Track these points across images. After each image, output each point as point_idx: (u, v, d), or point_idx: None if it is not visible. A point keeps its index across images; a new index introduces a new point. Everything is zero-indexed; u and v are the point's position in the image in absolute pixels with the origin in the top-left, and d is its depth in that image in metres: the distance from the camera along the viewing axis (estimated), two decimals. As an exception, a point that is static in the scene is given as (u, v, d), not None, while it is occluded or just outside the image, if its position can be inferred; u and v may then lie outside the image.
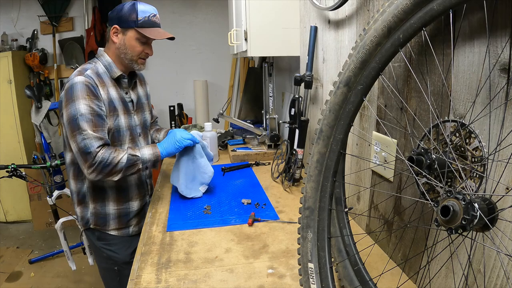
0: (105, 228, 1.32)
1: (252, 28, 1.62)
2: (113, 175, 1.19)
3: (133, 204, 1.37)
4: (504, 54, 0.54)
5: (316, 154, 0.70)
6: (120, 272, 1.35)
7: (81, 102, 1.14)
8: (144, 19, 1.23)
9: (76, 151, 1.16)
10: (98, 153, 1.15)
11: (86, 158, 1.14)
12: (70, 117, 1.15)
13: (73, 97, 1.15)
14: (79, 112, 1.14)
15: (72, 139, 1.15)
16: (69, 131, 1.16)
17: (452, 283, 0.69)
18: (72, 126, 1.15)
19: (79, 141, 1.14)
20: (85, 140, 1.13)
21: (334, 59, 1.26)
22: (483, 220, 0.46)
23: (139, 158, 1.23)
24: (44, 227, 3.20)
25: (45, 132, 2.88)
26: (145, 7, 1.25)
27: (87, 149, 1.13)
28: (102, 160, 1.15)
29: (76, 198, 1.32)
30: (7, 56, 3.10)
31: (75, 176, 1.30)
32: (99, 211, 1.31)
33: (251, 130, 2.03)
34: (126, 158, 1.19)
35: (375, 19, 0.61)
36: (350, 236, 0.77)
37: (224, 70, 3.76)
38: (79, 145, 1.14)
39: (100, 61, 1.28)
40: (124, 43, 1.25)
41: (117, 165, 1.17)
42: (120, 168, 1.18)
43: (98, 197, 1.30)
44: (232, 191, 1.46)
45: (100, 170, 1.16)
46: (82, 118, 1.14)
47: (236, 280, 0.88)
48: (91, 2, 3.42)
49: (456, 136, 0.66)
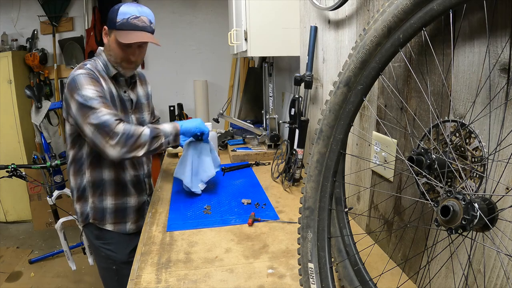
0: (102, 223, 1.32)
1: (252, 28, 1.62)
2: (138, 148, 1.14)
3: (130, 200, 1.36)
4: (504, 54, 0.54)
5: (316, 154, 0.70)
6: (119, 271, 1.35)
7: (87, 88, 1.13)
8: (122, 21, 1.18)
9: (93, 131, 1.11)
10: (118, 126, 1.12)
11: (107, 133, 1.10)
12: (79, 103, 1.12)
13: (77, 86, 1.13)
14: (87, 96, 1.12)
15: (85, 122, 1.11)
16: (81, 116, 1.12)
17: (452, 283, 0.69)
18: (83, 111, 1.11)
19: (94, 118, 1.10)
20: (101, 117, 1.10)
21: (334, 59, 1.26)
22: (483, 220, 0.46)
23: (160, 130, 1.21)
24: (44, 227, 3.20)
25: (45, 132, 2.88)
26: (128, 8, 1.19)
27: (105, 124, 1.10)
28: (125, 132, 1.11)
29: (76, 194, 1.32)
30: (7, 56, 3.11)
31: (75, 172, 1.30)
32: (97, 205, 1.30)
33: (251, 130, 2.03)
34: (149, 130, 1.17)
35: (375, 19, 0.61)
36: (350, 236, 0.77)
37: (224, 70, 3.76)
38: (95, 124, 1.10)
39: (99, 59, 1.28)
40: (109, 45, 1.24)
41: (140, 136, 1.14)
42: (144, 140, 1.15)
43: (97, 191, 1.30)
44: (232, 191, 1.46)
45: (124, 143, 1.11)
46: (92, 100, 1.12)
47: (236, 280, 0.88)
48: (91, 2, 3.42)
49: (456, 136, 0.66)
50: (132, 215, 1.38)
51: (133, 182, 1.37)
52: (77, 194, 1.32)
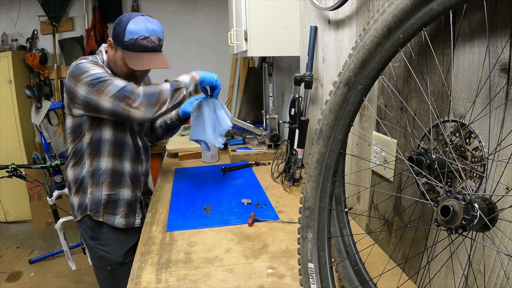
0: (97, 214, 1.30)
1: (252, 28, 1.62)
2: (162, 104, 1.16)
3: (123, 192, 1.33)
4: (504, 54, 0.54)
5: (316, 154, 0.70)
6: (113, 272, 1.34)
7: (94, 69, 1.13)
8: (130, 41, 1.14)
9: (113, 101, 1.11)
10: (139, 88, 1.12)
11: (128, 97, 1.11)
12: (90, 82, 1.11)
13: (84, 69, 1.13)
14: (97, 74, 1.12)
15: (103, 95, 1.11)
16: (96, 93, 1.11)
17: (452, 283, 0.69)
18: (97, 87, 1.11)
19: (111, 89, 1.10)
20: (118, 85, 1.11)
21: (334, 59, 1.26)
22: (483, 220, 0.46)
23: (181, 83, 1.21)
24: (44, 227, 3.20)
25: (45, 132, 2.88)
26: (136, 27, 1.13)
27: (124, 89, 1.11)
28: (146, 92, 1.13)
29: (74, 186, 1.31)
30: (7, 56, 3.11)
31: (74, 164, 1.29)
32: (94, 196, 1.29)
33: (251, 130, 2.03)
34: (169, 84, 1.17)
35: (375, 19, 0.61)
36: (350, 236, 0.77)
37: (224, 70, 3.76)
38: (113, 93, 1.10)
39: (99, 56, 1.27)
40: (114, 60, 1.22)
41: (161, 92, 1.15)
42: (166, 95, 1.16)
43: (95, 180, 1.28)
44: (232, 191, 1.46)
45: (147, 103, 1.13)
46: (102, 76, 1.12)
47: (236, 280, 0.88)
48: (91, 2, 3.42)
49: (456, 136, 0.66)
50: (123, 208, 1.34)
51: (130, 174, 1.35)
52: (76, 186, 1.30)
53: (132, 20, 1.14)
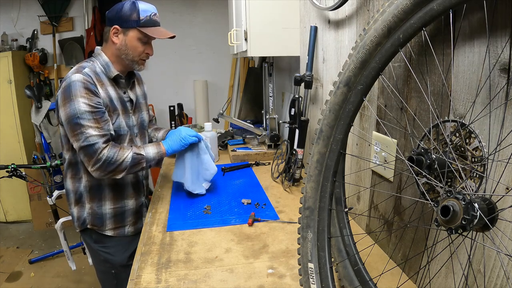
0: (102, 228, 1.30)
1: (252, 28, 1.62)
2: (117, 173, 1.19)
3: (128, 202, 1.35)
4: (504, 54, 0.54)
5: (316, 154, 0.70)
6: (117, 275, 1.33)
7: (80, 101, 1.12)
8: (146, 18, 1.22)
9: (78, 150, 1.15)
10: (103, 151, 1.14)
11: (91, 156, 1.14)
12: (69, 116, 1.13)
13: (71, 95, 1.12)
14: (79, 111, 1.12)
15: (73, 138, 1.14)
16: (69, 130, 1.15)
17: (452, 283, 0.69)
18: (72, 126, 1.13)
19: (81, 140, 1.13)
20: (88, 138, 1.13)
21: (334, 59, 1.26)
22: (483, 220, 0.46)
23: (144, 157, 1.23)
24: (44, 227, 3.20)
25: (45, 132, 2.89)
26: (146, 6, 1.24)
27: (90, 147, 1.13)
28: (107, 159, 1.15)
29: (73, 197, 1.30)
30: (7, 56, 3.10)
31: (72, 176, 1.28)
32: (96, 211, 1.29)
33: (251, 130, 2.03)
34: (131, 157, 1.19)
35: (375, 19, 0.61)
36: (350, 236, 0.77)
37: (224, 70, 3.76)
38: (81, 144, 1.13)
39: (98, 60, 1.26)
40: (126, 44, 1.23)
41: (121, 163, 1.18)
42: (124, 167, 1.19)
43: (95, 197, 1.28)
44: (232, 191, 1.46)
45: (104, 168, 1.16)
46: (83, 116, 1.12)
47: (236, 280, 0.88)
48: (91, 2, 3.42)
49: (456, 136, 0.66)
50: (131, 218, 1.36)
51: (133, 183, 1.36)
52: (75, 198, 1.30)
53: (137, 2, 1.22)
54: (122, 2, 1.22)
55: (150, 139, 1.53)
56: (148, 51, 1.28)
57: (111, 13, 1.24)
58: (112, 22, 1.23)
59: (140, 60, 1.28)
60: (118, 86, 1.30)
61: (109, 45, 1.26)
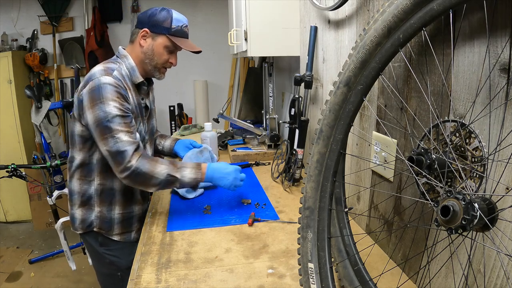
0: (110, 232, 1.26)
1: (252, 28, 1.62)
2: (148, 187, 1.15)
3: (135, 208, 1.32)
4: (504, 54, 0.54)
5: (316, 154, 0.70)
6: (123, 278, 1.27)
7: (111, 104, 1.08)
8: (177, 27, 1.22)
9: (107, 154, 1.11)
10: (132, 160, 1.10)
11: (119, 163, 1.09)
12: (98, 119, 1.08)
13: (101, 98, 1.08)
14: (110, 114, 1.07)
15: (102, 142, 1.10)
16: (98, 134, 1.10)
17: (452, 283, 0.69)
18: (102, 129, 1.08)
19: (111, 145, 1.08)
20: (118, 144, 1.08)
21: (334, 59, 1.26)
22: (483, 220, 0.46)
23: (177, 180, 1.16)
24: (44, 227, 3.20)
25: (45, 132, 2.88)
26: (179, 16, 1.24)
27: (120, 154, 1.09)
28: (136, 169, 1.10)
29: (78, 199, 1.24)
30: (7, 56, 3.11)
31: (82, 177, 1.23)
32: (105, 215, 1.24)
33: (251, 130, 2.03)
34: (164, 176, 1.14)
35: (375, 19, 0.61)
36: (350, 236, 0.77)
37: (224, 70, 3.76)
38: (111, 149, 1.09)
39: (124, 63, 1.22)
40: (152, 49, 1.21)
41: (151, 178, 1.13)
42: (155, 183, 1.14)
43: (105, 200, 1.24)
44: (232, 191, 1.46)
45: (133, 178, 1.11)
46: (114, 120, 1.08)
47: (236, 280, 0.88)
48: (91, 2, 3.42)
49: (456, 136, 0.66)
50: (136, 224, 1.33)
51: (141, 189, 1.32)
52: (81, 199, 1.24)
53: (171, 10, 1.23)
54: (156, 8, 1.22)
55: (156, 146, 1.52)
56: (172, 61, 1.27)
57: (143, 15, 1.22)
58: (142, 25, 1.21)
59: (162, 68, 1.27)
60: (139, 91, 1.27)
61: (135, 47, 1.23)
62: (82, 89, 1.12)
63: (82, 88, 1.12)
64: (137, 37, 1.22)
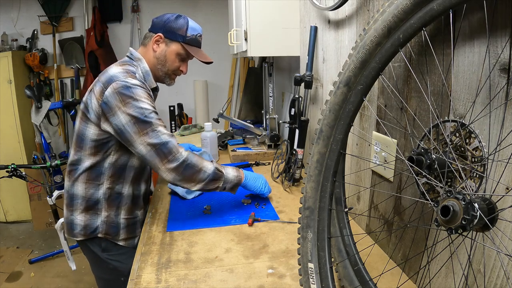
0: (116, 237, 1.21)
1: (252, 28, 1.62)
2: (193, 182, 1.11)
3: (138, 213, 1.29)
4: (504, 54, 0.54)
5: (316, 154, 0.70)
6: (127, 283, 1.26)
7: (145, 101, 1.07)
8: (192, 36, 1.21)
9: (149, 149, 1.05)
10: (180, 151, 1.07)
11: (165, 154, 1.05)
12: (135, 116, 1.04)
13: (134, 96, 1.05)
14: (147, 110, 1.05)
15: (141, 138, 1.05)
16: (136, 131, 1.04)
17: (452, 283, 0.69)
18: (141, 125, 1.04)
19: (153, 137, 1.05)
20: (160, 136, 1.05)
21: (334, 59, 1.26)
22: (483, 220, 0.46)
23: (223, 176, 1.16)
24: (44, 227, 3.20)
25: (45, 132, 2.88)
26: (195, 25, 1.23)
27: (166, 145, 1.05)
28: (186, 160, 1.07)
29: (83, 204, 1.17)
30: (7, 56, 3.11)
31: (89, 181, 1.16)
32: (113, 219, 1.20)
33: (251, 130, 2.03)
34: (212, 170, 1.12)
35: (375, 19, 0.61)
36: (350, 236, 0.77)
37: (224, 70, 3.76)
38: (154, 142, 1.04)
39: (139, 66, 1.20)
40: (165, 55, 1.20)
41: (200, 171, 1.10)
42: (203, 177, 1.11)
43: (113, 205, 1.19)
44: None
45: (182, 171, 1.07)
46: (151, 115, 1.06)
47: (236, 280, 0.88)
48: (91, 2, 3.42)
49: (456, 136, 0.66)
50: (139, 229, 1.29)
51: (144, 194, 1.32)
52: (86, 204, 1.17)
53: (187, 18, 1.22)
54: (172, 14, 1.22)
55: None
56: (183, 69, 1.27)
57: (159, 20, 1.21)
58: (157, 30, 1.20)
59: (172, 75, 1.27)
60: None
61: (148, 51, 1.22)
62: (103, 91, 1.06)
63: (103, 91, 1.06)
64: (150, 41, 1.21)
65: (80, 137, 1.15)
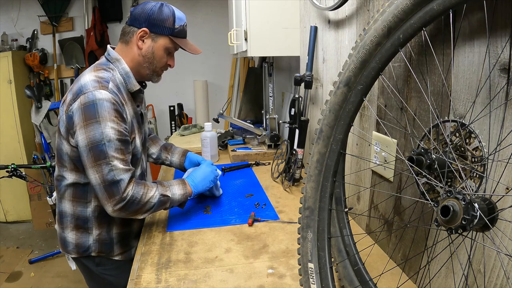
0: (110, 254, 1.16)
1: (252, 28, 1.62)
2: (139, 214, 1.04)
3: (133, 225, 1.23)
4: (504, 54, 0.54)
5: (316, 154, 0.70)
6: None
7: (108, 125, 0.95)
8: (180, 27, 1.09)
9: (99, 183, 0.97)
10: (128, 189, 0.99)
11: (113, 193, 0.97)
12: (93, 141, 0.95)
13: (97, 116, 0.95)
14: (106, 137, 0.95)
15: (94, 168, 0.96)
16: (90, 158, 0.96)
17: (452, 283, 0.69)
18: (96, 154, 0.95)
19: (105, 172, 0.96)
20: (113, 171, 0.96)
21: (334, 59, 1.26)
22: (483, 220, 0.46)
23: (169, 199, 1.09)
24: (44, 227, 3.20)
25: (45, 132, 2.89)
26: (180, 14, 1.11)
27: (115, 185, 0.97)
28: (131, 198, 1.00)
29: (72, 222, 1.11)
30: (7, 56, 3.11)
31: (75, 199, 1.09)
32: (105, 236, 1.13)
33: (251, 130, 2.03)
34: (157, 198, 1.05)
35: (375, 19, 0.61)
36: (350, 236, 0.77)
37: (224, 70, 3.76)
38: (105, 177, 0.96)
39: (117, 68, 1.07)
40: (152, 51, 1.08)
41: (146, 204, 1.03)
42: (148, 208, 1.04)
43: (104, 221, 1.12)
44: (232, 191, 1.46)
45: (127, 208, 1.00)
46: (110, 145, 0.96)
47: (236, 280, 0.88)
48: (91, 2, 3.42)
49: (456, 136, 0.66)
50: (134, 240, 1.23)
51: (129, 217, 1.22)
52: (75, 223, 1.11)
53: (172, 7, 1.09)
54: (152, 3, 1.07)
55: (162, 161, 1.43)
56: (171, 63, 1.15)
57: (140, 11, 1.06)
58: (140, 24, 1.05)
59: (159, 71, 1.15)
60: (134, 99, 1.14)
61: (131, 49, 1.08)
62: (72, 103, 0.97)
63: (72, 102, 0.97)
64: (133, 37, 1.07)
65: (58, 152, 1.08)
